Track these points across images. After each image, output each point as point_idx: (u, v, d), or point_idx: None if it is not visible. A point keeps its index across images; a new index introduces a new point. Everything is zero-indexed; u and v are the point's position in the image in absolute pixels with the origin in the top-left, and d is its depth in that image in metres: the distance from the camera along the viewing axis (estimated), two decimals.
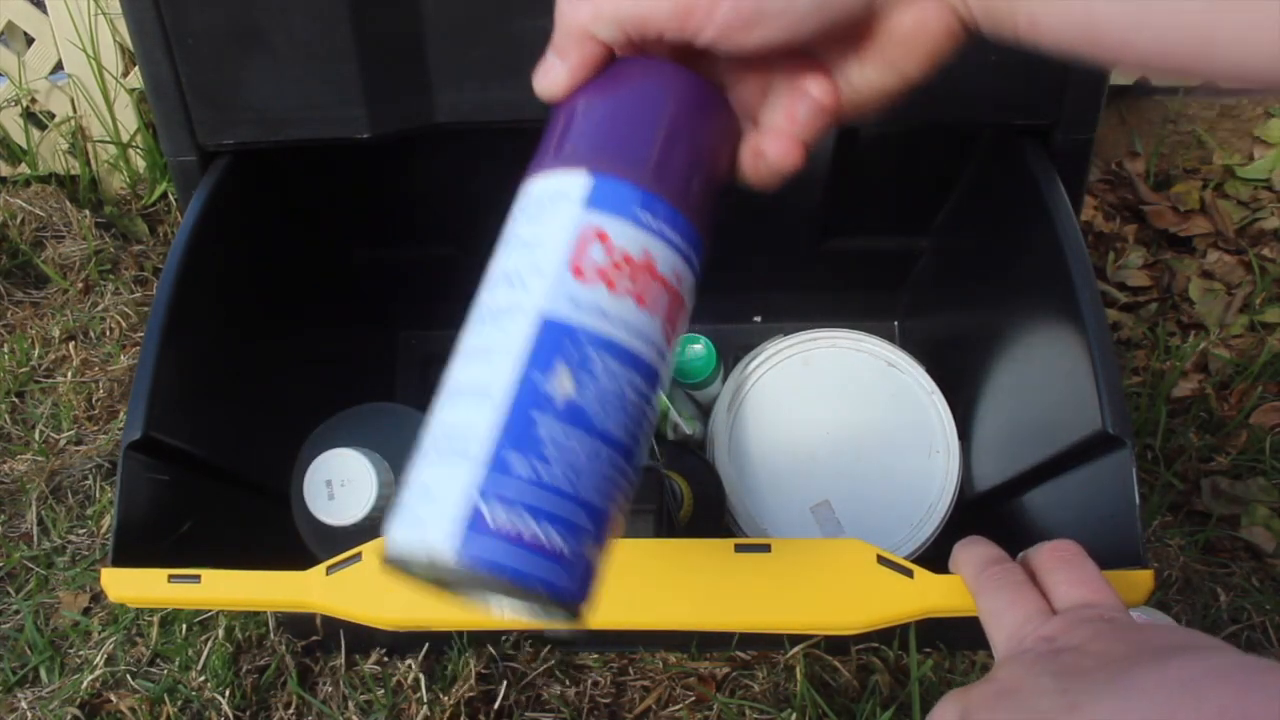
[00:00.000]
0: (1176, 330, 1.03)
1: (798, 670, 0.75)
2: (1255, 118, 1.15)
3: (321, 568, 0.50)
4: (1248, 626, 0.79)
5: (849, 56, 0.35)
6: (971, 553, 0.45)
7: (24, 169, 1.18)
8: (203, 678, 0.77)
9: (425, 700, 0.74)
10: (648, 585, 0.49)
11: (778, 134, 0.35)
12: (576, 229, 0.33)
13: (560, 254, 0.32)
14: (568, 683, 0.77)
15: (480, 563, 0.29)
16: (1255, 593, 0.81)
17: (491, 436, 0.30)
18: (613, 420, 0.32)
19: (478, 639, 0.77)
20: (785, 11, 0.32)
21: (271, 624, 0.79)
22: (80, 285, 1.10)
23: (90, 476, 0.92)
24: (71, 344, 1.04)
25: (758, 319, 0.90)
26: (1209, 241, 1.10)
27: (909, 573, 0.48)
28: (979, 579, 0.43)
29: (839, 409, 0.74)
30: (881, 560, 0.48)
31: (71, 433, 0.97)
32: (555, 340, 0.31)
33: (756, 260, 0.82)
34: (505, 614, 0.33)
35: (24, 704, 0.77)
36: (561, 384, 0.31)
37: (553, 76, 0.35)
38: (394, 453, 0.64)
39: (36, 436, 0.96)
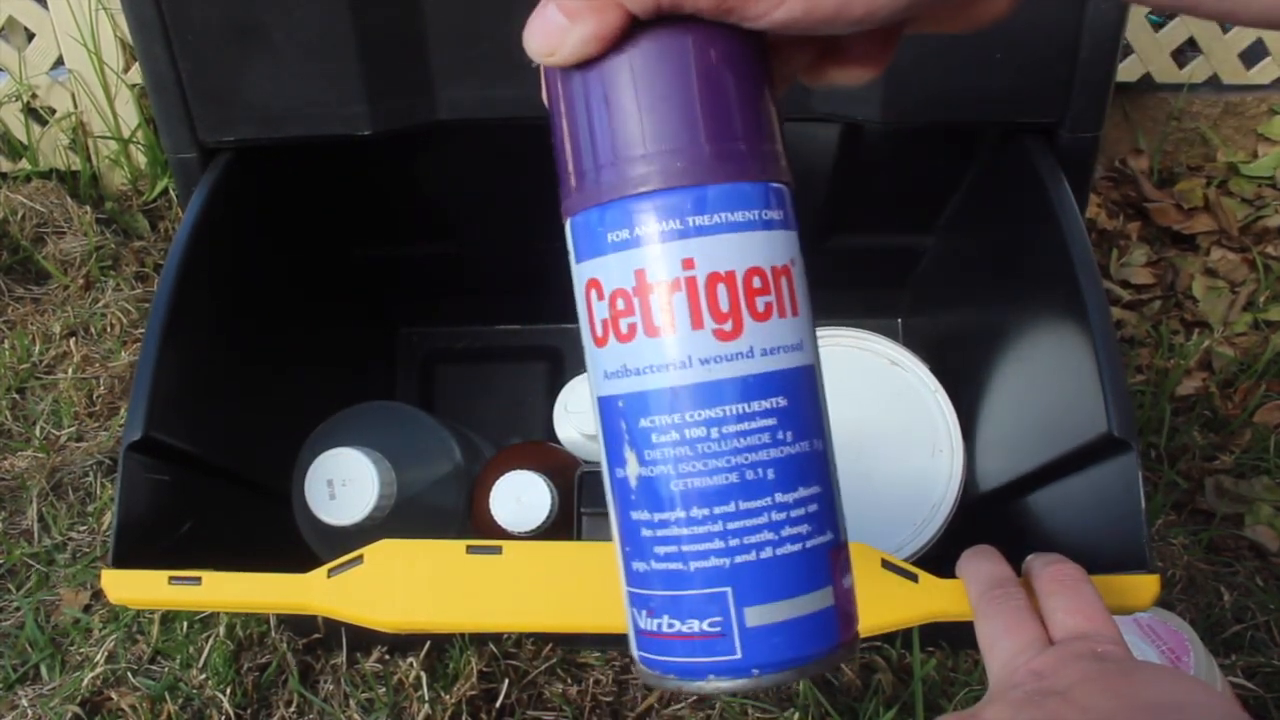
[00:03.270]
0: (1180, 328, 1.02)
1: None
2: (1259, 115, 1.15)
3: (322, 570, 0.49)
4: (1251, 626, 0.79)
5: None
6: (978, 569, 0.46)
7: (24, 165, 1.18)
8: (204, 675, 0.77)
9: (427, 699, 0.74)
10: None
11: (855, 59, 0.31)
12: (582, 290, 0.30)
13: (584, 325, 0.30)
14: (570, 681, 0.77)
15: (652, 665, 0.30)
16: (1259, 592, 0.81)
17: (619, 545, 0.31)
18: (698, 475, 0.29)
19: (479, 638, 0.77)
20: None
21: (273, 622, 0.79)
22: (81, 281, 1.10)
23: (91, 473, 0.92)
24: (72, 340, 1.04)
25: None
26: (1213, 239, 1.09)
27: (914, 577, 0.47)
28: (980, 600, 0.44)
29: (841, 407, 0.73)
30: (886, 564, 0.48)
31: (72, 429, 0.96)
32: (613, 423, 0.30)
33: None
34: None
35: (24, 701, 0.77)
36: (632, 467, 0.29)
37: (555, 42, 0.27)
38: (395, 452, 0.64)
39: (37, 433, 0.96)
